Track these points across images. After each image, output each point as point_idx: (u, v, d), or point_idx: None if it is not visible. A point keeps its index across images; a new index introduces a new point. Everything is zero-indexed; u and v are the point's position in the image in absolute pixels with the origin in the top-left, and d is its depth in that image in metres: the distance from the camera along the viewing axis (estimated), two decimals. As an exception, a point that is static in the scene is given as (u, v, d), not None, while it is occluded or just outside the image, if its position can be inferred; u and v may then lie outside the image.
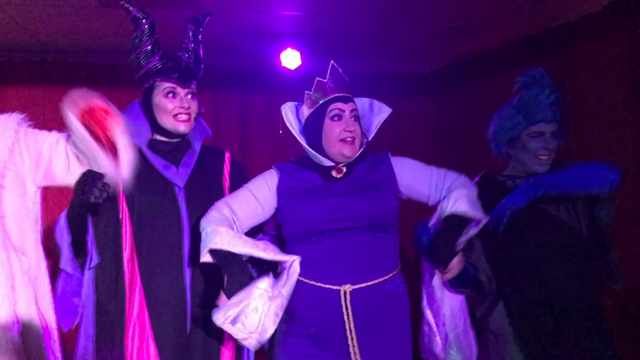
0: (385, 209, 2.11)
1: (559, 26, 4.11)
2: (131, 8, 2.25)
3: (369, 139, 2.19)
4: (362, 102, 2.23)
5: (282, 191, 2.15)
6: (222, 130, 4.88)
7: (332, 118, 2.10)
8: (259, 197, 2.16)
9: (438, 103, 5.22)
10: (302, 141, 2.15)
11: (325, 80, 2.15)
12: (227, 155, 2.46)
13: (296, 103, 2.28)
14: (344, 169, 2.16)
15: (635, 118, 3.65)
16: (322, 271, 2.05)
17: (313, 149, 2.11)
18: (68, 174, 2.08)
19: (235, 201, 2.15)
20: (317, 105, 2.13)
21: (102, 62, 4.67)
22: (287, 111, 2.23)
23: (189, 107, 2.27)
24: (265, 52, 4.45)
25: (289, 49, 4.42)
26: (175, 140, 2.34)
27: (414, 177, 2.17)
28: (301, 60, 4.46)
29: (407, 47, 4.64)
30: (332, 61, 2.18)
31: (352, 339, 2.02)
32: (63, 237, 2.18)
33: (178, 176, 2.28)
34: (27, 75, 4.66)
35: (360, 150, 2.15)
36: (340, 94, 2.13)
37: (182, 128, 2.27)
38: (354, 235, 2.06)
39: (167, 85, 2.25)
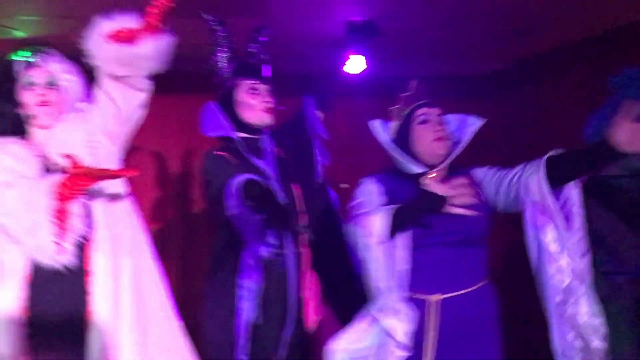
0: (478, 225, 2.17)
1: (625, 25, 4.03)
2: (209, 18, 2.43)
3: (459, 151, 2.25)
4: (455, 117, 2.32)
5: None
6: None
7: (420, 123, 2.21)
8: None
9: (500, 104, 5.19)
10: (394, 151, 2.24)
11: (408, 94, 2.26)
12: None
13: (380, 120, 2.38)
14: (435, 175, 2.20)
15: None
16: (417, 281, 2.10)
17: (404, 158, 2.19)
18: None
19: None
20: (404, 114, 2.22)
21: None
22: (376, 126, 2.36)
23: (270, 101, 2.50)
24: (329, 57, 4.54)
25: (353, 55, 4.49)
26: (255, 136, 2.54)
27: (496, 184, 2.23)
28: (366, 64, 4.53)
29: (468, 48, 4.66)
30: (414, 80, 2.34)
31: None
32: None
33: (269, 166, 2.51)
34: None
35: (452, 157, 2.22)
36: (424, 101, 2.25)
37: (268, 120, 2.49)
38: (446, 249, 2.13)
39: (249, 82, 2.47)
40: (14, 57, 2.32)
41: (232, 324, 2.50)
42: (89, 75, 2.31)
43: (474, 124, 2.28)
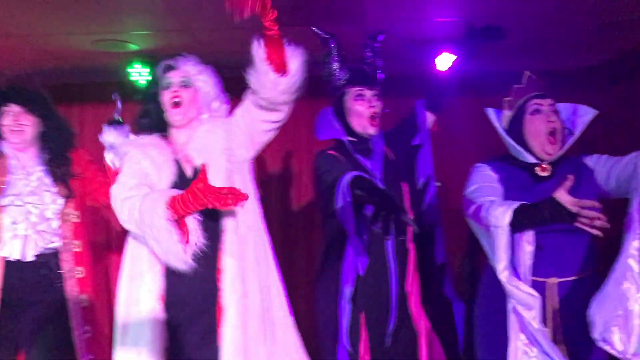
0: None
1: None
2: (320, 31, 2.61)
3: (573, 140, 2.29)
4: (566, 107, 2.34)
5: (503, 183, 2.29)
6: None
7: (532, 113, 2.25)
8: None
9: (605, 97, 5.05)
10: (507, 138, 2.29)
11: (522, 86, 2.30)
12: None
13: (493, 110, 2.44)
14: (549, 167, 2.28)
15: None
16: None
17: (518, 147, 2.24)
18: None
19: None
20: (518, 104, 2.26)
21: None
22: (491, 113, 2.43)
23: (375, 106, 2.65)
24: (420, 57, 4.61)
25: (444, 53, 4.53)
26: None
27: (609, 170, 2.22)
28: (456, 63, 4.56)
29: (568, 42, 4.57)
30: (527, 72, 2.35)
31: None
32: None
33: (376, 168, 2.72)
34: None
35: (564, 149, 2.25)
36: (537, 92, 2.28)
37: (371, 130, 2.65)
38: (558, 235, 2.18)
39: (355, 89, 2.64)
40: (157, 62, 2.53)
41: (337, 312, 2.66)
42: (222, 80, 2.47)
43: (587, 114, 2.31)
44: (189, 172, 2.38)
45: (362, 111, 2.76)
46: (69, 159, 2.96)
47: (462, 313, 2.80)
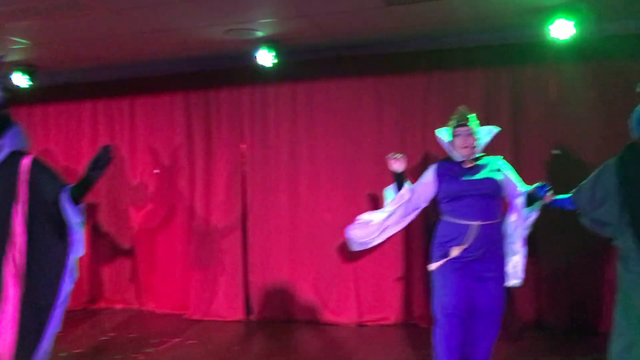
0: (496, 186, 3.62)
1: None
2: None
3: (480, 148, 3.71)
4: (482, 129, 3.74)
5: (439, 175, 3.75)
6: (494, 105, 5.21)
7: (455, 136, 3.68)
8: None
9: None
10: (449, 148, 3.72)
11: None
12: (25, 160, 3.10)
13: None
14: (471, 163, 3.67)
15: None
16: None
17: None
18: None
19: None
20: (450, 130, 3.73)
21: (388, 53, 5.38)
22: (440, 133, 3.78)
23: None
24: (534, 25, 4.62)
25: (559, 20, 4.50)
26: None
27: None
28: (573, 29, 4.51)
29: None
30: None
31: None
32: None
33: None
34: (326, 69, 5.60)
35: (475, 154, 3.67)
36: (461, 122, 3.67)
37: None
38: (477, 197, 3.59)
39: None
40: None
41: None
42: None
43: (491, 132, 3.78)
44: None
45: None
46: None
47: None
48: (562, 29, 4.52)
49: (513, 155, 5.12)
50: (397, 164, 3.74)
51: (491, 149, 3.79)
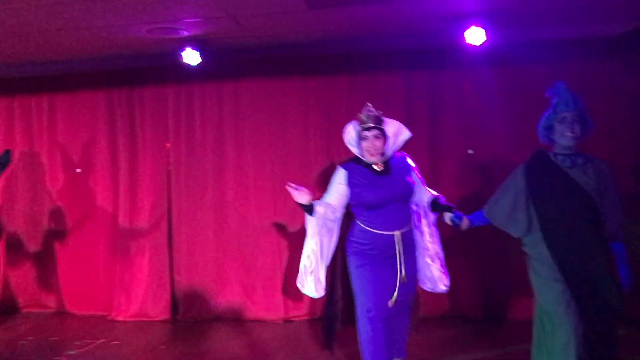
0: (410, 189, 3.56)
1: None
2: None
3: (391, 152, 3.60)
4: (393, 125, 3.61)
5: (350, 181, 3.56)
6: (413, 108, 5.42)
7: (362, 139, 3.52)
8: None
9: (628, 65, 5.16)
10: (356, 149, 3.56)
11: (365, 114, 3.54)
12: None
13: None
14: (381, 166, 3.56)
15: None
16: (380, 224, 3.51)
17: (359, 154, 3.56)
18: None
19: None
20: (358, 131, 3.55)
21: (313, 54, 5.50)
22: (348, 129, 3.61)
23: None
24: (450, 31, 4.84)
25: (472, 27, 4.73)
26: None
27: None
28: (486, 35, 4.76)
29: (594, 10, 4.66)
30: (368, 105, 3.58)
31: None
32: None
33: None
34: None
35: (384, 156, 3.54)
36: (370, 125, 3.49)
37: None
38: (393, 204, 3.49)
39: None
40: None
41: None
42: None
43: (404, 135, 3.63)
44: None
45: None
46: None
47: None
48: (475, 36, 4.76)
49: (431, 156, 5.39)
50: (301, 197, 3.44)
51: (410, 150, 3.92)
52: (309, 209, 3.49)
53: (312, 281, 3.61)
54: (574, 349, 3.03)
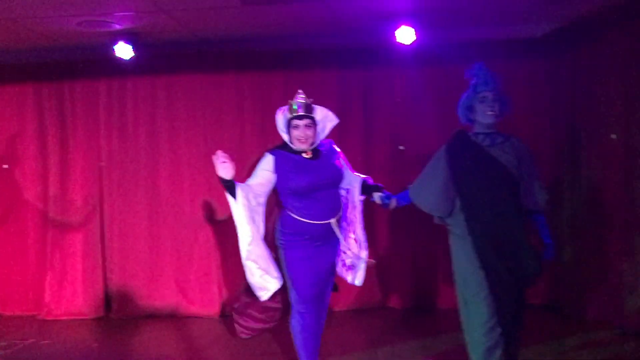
0: (340, 175, 3.56)
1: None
2: None
3: (319, 140, 3.55)
4: (322, 112, 3.58)
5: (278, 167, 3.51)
6: (347, 105, 5.52)
7: (294, 127, 3.48)
8: None
9: (551, 66, 5.42)
10: (285, 136, 3.51)
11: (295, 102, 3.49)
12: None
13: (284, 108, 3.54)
14: (310, 153, 3.52)
15: None
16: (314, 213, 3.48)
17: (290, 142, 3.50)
18: None
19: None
20: (287, 119, 3.50)
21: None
22: (278, 116, 3.53)
23: None
24: (382, 30, 4.97)
25: (403, 26, 4.88)
26: None
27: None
28: (416, 35, 4.92)
29: (518, 11, 4.85)
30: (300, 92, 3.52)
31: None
32: None
33: None
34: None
35: (315, 145, 3.51)
36: (301, 113, 3.47)
37: None
38: (325, 190, 3.49)
39: None
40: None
41: None
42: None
43: (332, 121, 3.59)
44: None
45: None
46: None
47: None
48: (405, 35, 4.90)
49: (364, 151, 5.52)
50: (225, 170, 3.32)
51: (344, 145, 3.96)
52: (231, 187, 3.33)
53: (269, 277, 3.46)
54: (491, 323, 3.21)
